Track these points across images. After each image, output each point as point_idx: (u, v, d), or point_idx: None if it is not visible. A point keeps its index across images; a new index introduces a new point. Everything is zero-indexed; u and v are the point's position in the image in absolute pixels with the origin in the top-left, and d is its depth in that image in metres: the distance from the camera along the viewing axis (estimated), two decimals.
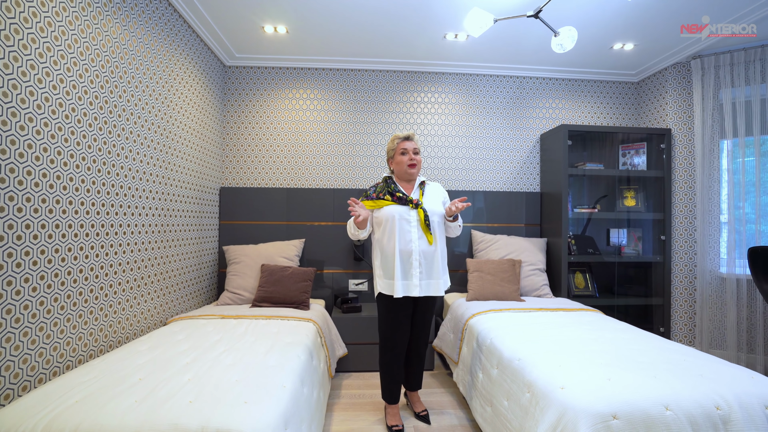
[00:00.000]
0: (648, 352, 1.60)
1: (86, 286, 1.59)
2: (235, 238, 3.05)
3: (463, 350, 2.27)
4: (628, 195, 3.17)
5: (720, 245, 2.77)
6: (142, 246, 1.97)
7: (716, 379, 1.34)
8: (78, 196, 1.53)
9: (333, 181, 3.18)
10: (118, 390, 1.25)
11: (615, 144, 3.25)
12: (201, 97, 2.66)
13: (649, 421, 1.18)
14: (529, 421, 1.39)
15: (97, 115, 1.64)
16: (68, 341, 1.49)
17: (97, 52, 1.64)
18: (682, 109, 2.95)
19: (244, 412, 1.13)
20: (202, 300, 2.74)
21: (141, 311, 1.97)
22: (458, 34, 2.68)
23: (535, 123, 3.32)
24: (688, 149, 2.91)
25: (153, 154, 2.07)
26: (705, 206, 2.78)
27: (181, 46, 2.37)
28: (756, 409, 1.24)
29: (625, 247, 3.18)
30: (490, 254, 2.98)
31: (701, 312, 2.78)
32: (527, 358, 1.59)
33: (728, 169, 2.74)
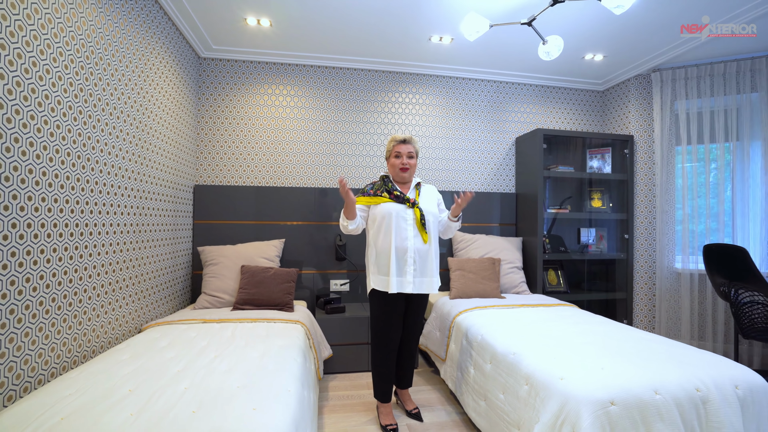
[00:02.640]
0: (629, 342, 1.72)
1: (59, 291, 1.44)
2: (210, 239, 2.90)
3: (450, 347, 2.31)
4: (595, 196, 3.39)
5: (675, 243, 3.04)
6: (118, 247, 1.83)
7: (694, 364, 1.47)
8: (51, 193, 1.39)
9: (313, 180, 3.12)
10: (108, 403, 1.15)
11: (582, 148, 3.46)
12: (176, 90, 2.51)
13: (642, 405, 1.27)
14: (528, 412, 1.44)
15: (72, 104, 1.49)
16: (40, 353, 1.35)
17: (72, 34, 1.50)
18: (643, 118, 3.20)
19: (255, 420, 1.08)
20: (176, 304, 2.58)
21: (116, 317, 1.82)
22: (443, 37, 2.73)
23: (511, 126, 3.45)
24: (649, 155, 3.16)
25: (129, 149, 1.92)
26: (663, 207, 3.03)
27: (157, 34, 2.22)
28: (728, 389, 1.37)
29: (592, 246, 3.40)
30: (470, 253, 3.06)
31: (660, 304, 3.03)
32: (522, 352, 1.65)
33: (683, 174, 3.01)
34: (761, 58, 2.80)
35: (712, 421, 1.32)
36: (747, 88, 2.84)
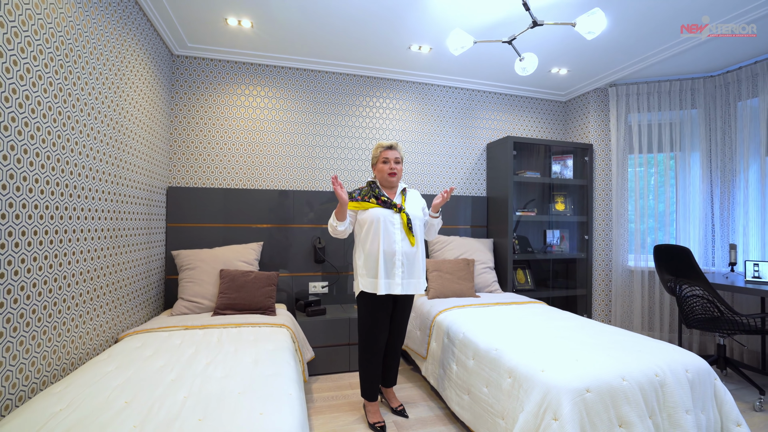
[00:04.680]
0: (595, 335, 1.90)
1: (39, 303, 1.37)
2: (184, 242, 2.81)
3: (431, 345, 2.41)
4: (559, 200, 3.64)
5: (629, 243, 3.34)
6: (96, 254, 1.74)
7: (652, 353, 1.66)
8: (19, 198, 1.32)
9: (291, 182, 3.11)
10: (106, 417, 1.12)
11: (548, 154, 3.71)
12: (150, 88, 2.41)
13: (612, 391, 1.43)
14: (512, 402, 1.57)
15: (41, 99, 1.39)
16: (21, 368, 1.28)
17: (51, 31, 1.42)
18: (601, 128, 3.49)
19: (265, 424, 1.11)
20: (150, 311, 2.48)
21: (94, 327, 1.74)
22: (422, 46, 2.82)
23: (482, 133, 3.63)
24: (606, 162, 3.45)
25: (107, 151, 1.83)
26: (618, 210, 3.33)
27: (133, 30, 2.13)
28: (680, 372, 1.57)
29: (556, 246, 3.65)
30: (445, 254, 3.19)
31: (615, 299, 3.32)
32: (503, 348, 1.77)
33: (635, 179, 3.32)
34: (699, 79, 3.15)
35: (669, 402, 1.51)
36: (688, 104, 3.19)
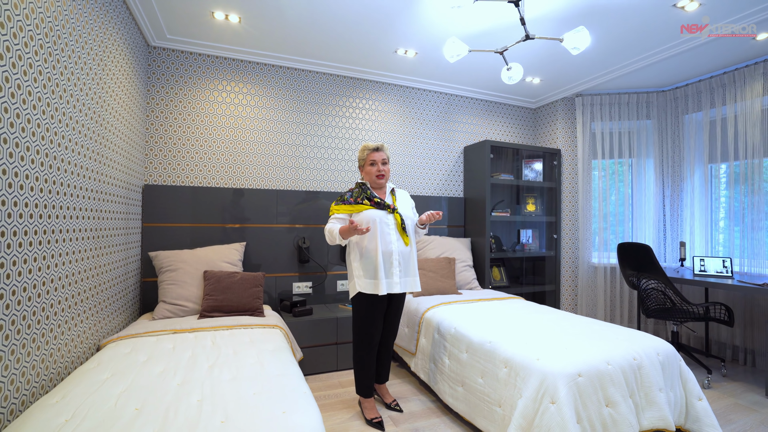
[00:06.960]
0: (576, 326, 2.06)
1: (29, 308, 1.27)
2: (160, 243, 2.67)
3: (421, 341, 2.49)
4: (530, 201, 3.87)
5: (592, 241, 3.63)
6: (78, 255, 1.63)
7: (628, 339, 1.84)
8: (11, 195, 1.22)
9: (274, 182, 3.06)
10: (121, 425, 1.07)
11: (518, 158, 3.93)
12: (128, 80, 2.28)
13: (600, 375, 1.58)
14: (509, 391, 1.67)
15: (41, 95, 1.31)
16: (12, 379, 1.18)
17: (41, 16, 1.32)
18: (568, 134, 3.75)
19: (290, 422, 1.11)
20: (128, 315, 2.34)
21: (78, 334, 1.63)
22: (408, 50, 2.89)
23: (459, 136, 3.77)
24: (572, 166, 3.72)
25: (88, 144, 1.72)
26: (583, 211, 3.60)
27: (114, 18, 2.01)
28: (653, 356, 1.76)
29: (527, 245, 3.87)
30: (427, 253, 3.28)
31: (581, 293, 3.59)
32: (497, 340, 1.88)
33: (598, 182, 3.61)
34: (653, 93, 3.49)
35: (645, 382, 1.68)
36: (644, 115, 3.53)
